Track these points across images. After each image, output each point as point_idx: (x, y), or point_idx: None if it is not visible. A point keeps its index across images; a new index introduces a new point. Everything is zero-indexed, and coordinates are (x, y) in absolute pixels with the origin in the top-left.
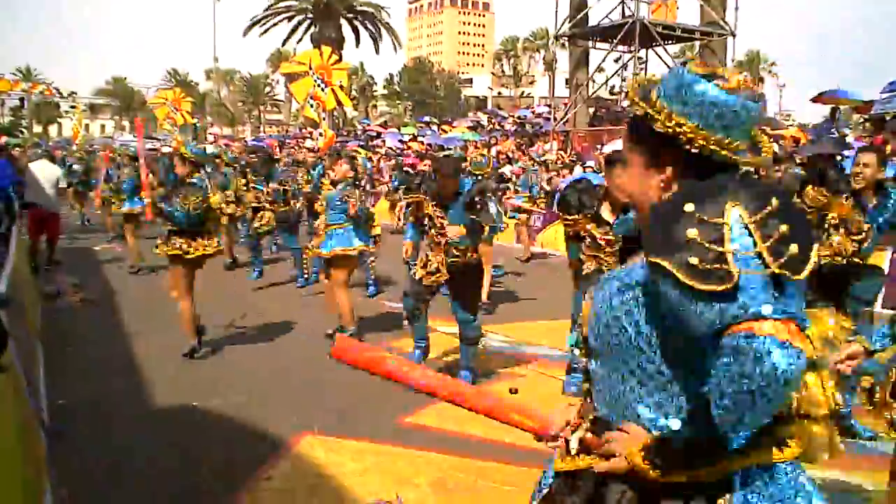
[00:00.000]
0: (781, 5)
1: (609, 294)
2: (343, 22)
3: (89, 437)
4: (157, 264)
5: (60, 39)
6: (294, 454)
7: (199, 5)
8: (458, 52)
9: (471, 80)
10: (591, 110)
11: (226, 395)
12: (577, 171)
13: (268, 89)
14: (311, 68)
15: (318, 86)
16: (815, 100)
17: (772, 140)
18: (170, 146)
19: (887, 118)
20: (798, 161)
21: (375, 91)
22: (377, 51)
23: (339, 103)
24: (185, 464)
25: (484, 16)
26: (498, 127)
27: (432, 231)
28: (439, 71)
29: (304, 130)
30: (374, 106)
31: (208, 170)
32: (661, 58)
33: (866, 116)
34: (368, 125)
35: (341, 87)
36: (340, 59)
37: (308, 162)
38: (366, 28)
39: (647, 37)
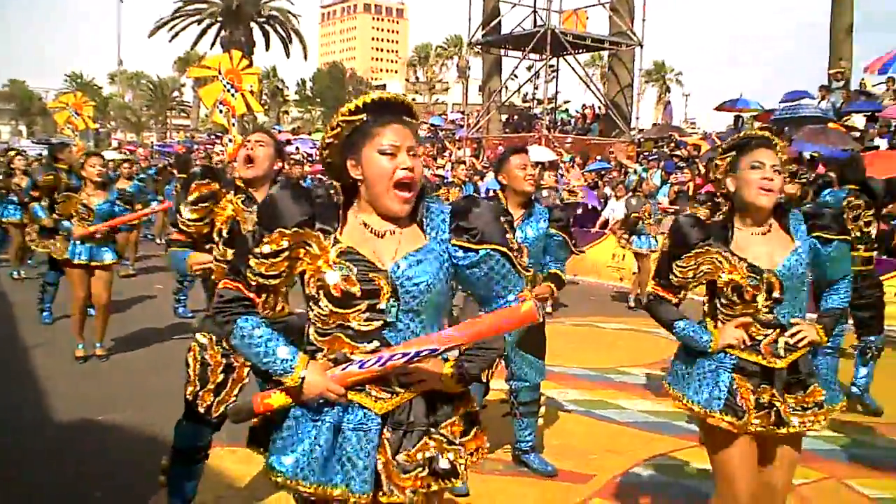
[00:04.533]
0: (687, 18)
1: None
2: (253, 26)
3: None
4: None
5: None
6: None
7: (102, 6)
8: (372, 59)
9: (384, 87)
10: (504, 117)
11: (128, 409)
12: (489, 178)
13: (175, 94)
14: (220, 72)
15: (228, 90)
16: (719, 108)
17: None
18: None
19: (786, 127)
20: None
21: (287, 96)
22: (287, 55)
23: (250, 108)
24: (86, 478)
25: (398, 22)
26: None
27: None
28: (352, 77)
29: (211, 136)
30: (286, 112)
31: None
32: (571, 66)
33: (766, 124)
34: (280, 131)
35: (252, 91)
36: (251, 64)
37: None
38: (276, 32)
39: (558, 45)
